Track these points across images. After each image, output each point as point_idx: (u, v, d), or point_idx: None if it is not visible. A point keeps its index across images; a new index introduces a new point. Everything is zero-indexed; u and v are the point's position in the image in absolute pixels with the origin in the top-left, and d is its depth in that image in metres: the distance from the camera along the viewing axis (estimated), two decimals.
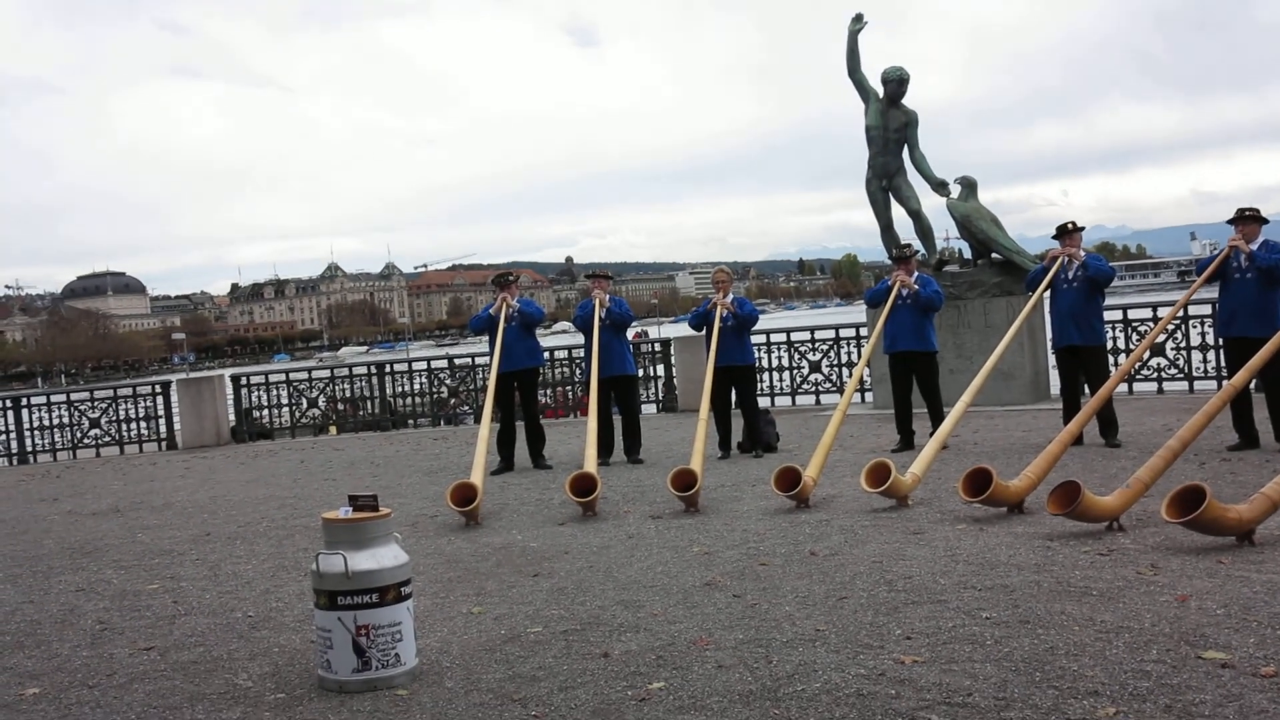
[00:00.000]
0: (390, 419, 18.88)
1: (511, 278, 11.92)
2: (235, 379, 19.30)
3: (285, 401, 19.11)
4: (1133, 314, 14.76)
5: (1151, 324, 14.28)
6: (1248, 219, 9.37)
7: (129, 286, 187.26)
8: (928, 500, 8.03)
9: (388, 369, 19.45)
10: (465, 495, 8.55)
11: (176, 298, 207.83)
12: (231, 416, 18.82)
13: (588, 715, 4.21)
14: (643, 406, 14.83)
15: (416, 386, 19.44)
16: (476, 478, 8.87)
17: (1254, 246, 9.25)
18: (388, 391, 19.21)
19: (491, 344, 11.29)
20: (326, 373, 20.02)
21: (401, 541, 4.99)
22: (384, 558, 4.78)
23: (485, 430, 9.87)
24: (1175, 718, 3.77)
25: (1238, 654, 4.34)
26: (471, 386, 18.69)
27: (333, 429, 19.31)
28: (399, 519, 8.48)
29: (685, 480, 8.38)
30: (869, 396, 15.32)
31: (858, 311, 16.65)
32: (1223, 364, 12.20)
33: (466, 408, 19.30)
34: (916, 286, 10.78)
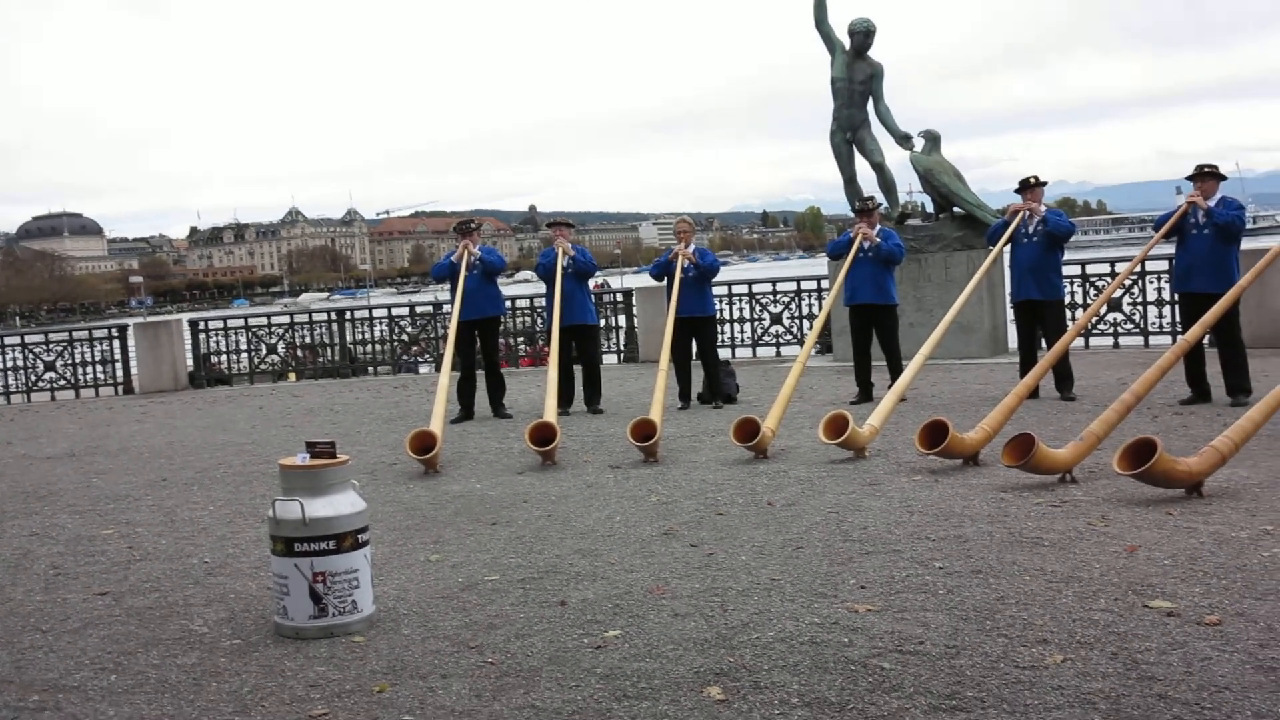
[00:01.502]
0: (350, 366, 18.79)
1: (474, 225, 11.84)
2: (194, 323, 19.12)
3: (244, 347, 18.97)
4: (1091, 269, 14.87)
5: (1109, 279, 14.40)
6: (1206, 175, 9.43)
7: (85, 228, 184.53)
8: (885, 452, 8.10)
9: (348, 315, 19.34)
10: (424, 443, 8.54)
11: (134, 240, 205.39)
12: (190, 362, 18.66)
13: (544, 663, 4.23)
14: (604, 356, 14.84)
15: (377, 334, 19.35)
16: (436, 426, 8.85)
17: (1211, 203, 9.32)
18: (348, 338, 19.12)
19: (453, 292, 11.24)
20: (286, 319, 19.87)
21: (359, 489, 4.98)
22: (341, 505, 4.77)
23: (445, 378, 9.84)
24: (1121, 665, 3.84)
25: (1183, 603, 4.42)
26: (432, 334, 18.61)
27: (292, 375, 19.18)
28: (357, 466, 8.45)
29: (645, 430, 8.41)
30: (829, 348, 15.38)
31: (820, 264, 16.70)
32: (1178, 319, 12.34)
33: (426, 355, 19.23)
34: (878, 239, 10.80)
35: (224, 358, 19.26)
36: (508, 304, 15.69)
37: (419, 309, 19.18)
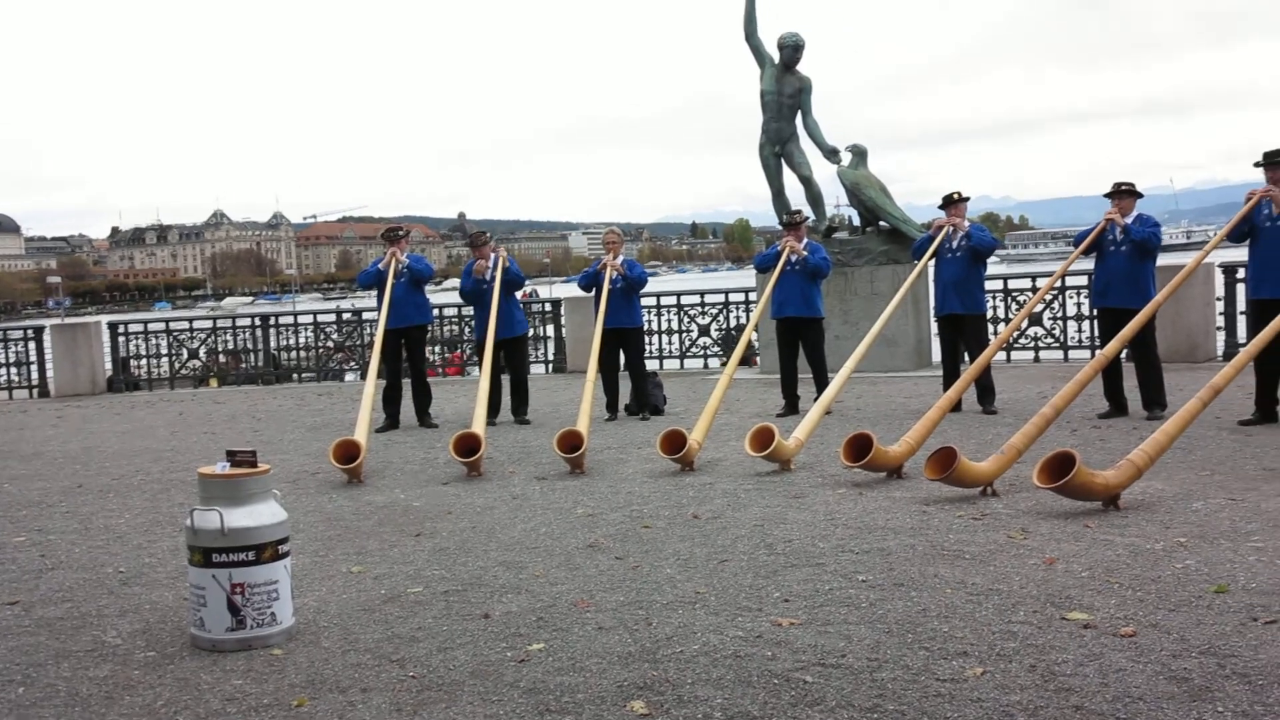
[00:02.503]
0: (274, 372, 18.55)
1: (402, 232, 11.78)
2: (113, 326, 18.77)
3: (165, 351, 18.64)
4: (1012, 284, 15.11)
5: (1030, 294, 14.63)
6: (1123, 193, 9.63)
7: (1, 225, 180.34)
8: (810, 464, 8.15)
9: (273, 321, 19.10)
10: (348, 452, 8.45)
11: (53, 239, 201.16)
12: (109, 365, 18.31)
13: (466, 676, 4.20)
14: (532, 367, 14.77)
15: (302, 340, 19.12)
16: (360, 435, 8.76)
17: (1129, 220, 9.51)
18: (272, 344, 18.87)
19: (380, 299, 11.15)
20: (209, 323, 19.57)
21: (281, 498, 4.91)
22: (262, 515, 4.70)
23: (371, 387, 9.74)
24: (1039, 677, 3.89)
25: (1099, 615, 4.49)
26: (358, 342, 18.43)
27: (213, 381, 18.88)
28: (280, 475, 8.35)
29: (571, 441, 8.38)
30: (757, 361, 15.46)
31: (748, 276, 16.82)
32: (1097, 334, 12.57)
33: (352, 363, 19.03)
34: (805, 253, 10.87)
35: (144, 362, 18.93)
36: (434, 312, 15.56)
37: (345, 315, 19.00)
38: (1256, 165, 8.81)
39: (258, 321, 19.14)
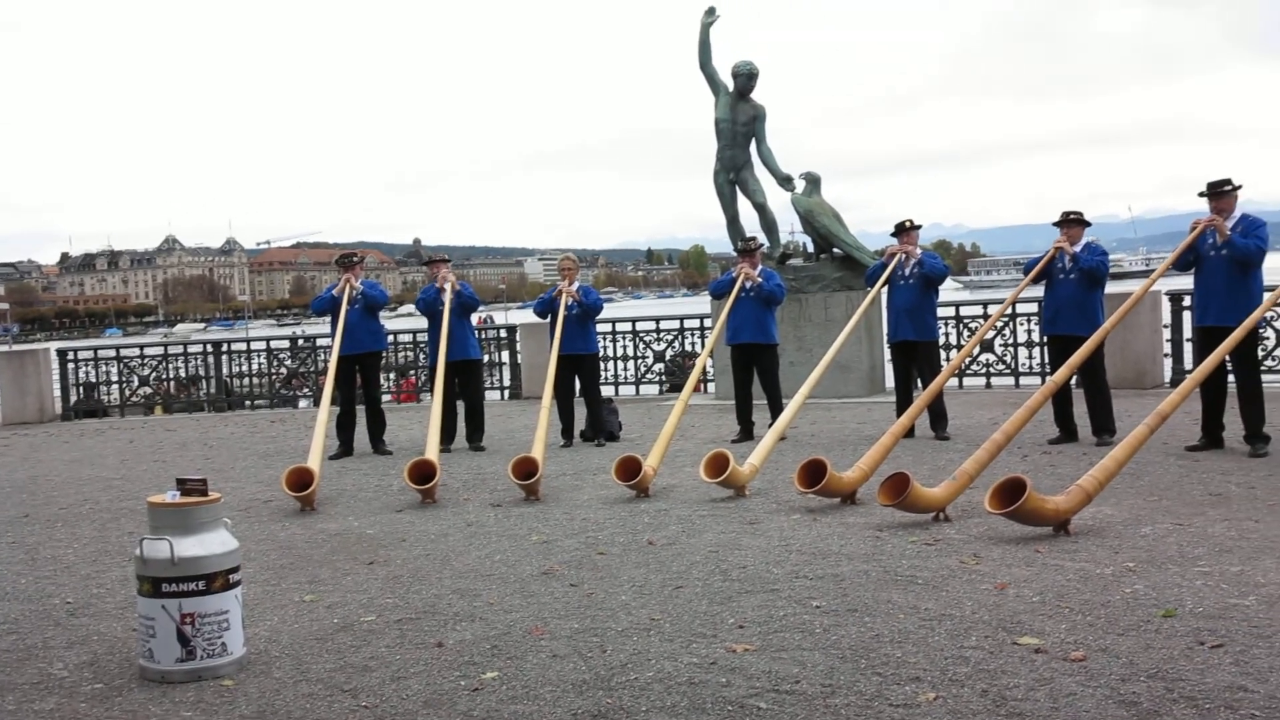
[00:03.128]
0: (226, 399, 18.38)
1: (356, 258, 11.73)
2: (62, 353, 18.54)
3: (116, 378, 18.43)
4: (964, 310, 15.26)
5: (982, 320, 14.78)
6: (1072, 222, 9.76)
7: None
8: (765, 490, 8.18)
9: (225, 347, 18.93)
10: (301, 480, 8.38)
11: (0, 265, 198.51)
12: (58, 392, 18.07)
13: (419, 706, 4.17)
14: (487, 393, 14.73)
15: (255, 366, 18.97)
16: (314, 462, 8.70)
17: (1077, 248, 9.64)
18: (225, 371, 18.71)
19: (334, 326, 11.09)
20: (160, 350, 19.37)
21: (232, 527, 4.87)
22: (212, 544, 4.65)
23: (324, 414, 9.68)
24: (991, 702, 3.92)
25: (1050, 639, 4.53)
26: (312, 368, 18.31)
27: (158, 409, 18.62)
28: (231, 503, 8.27)
29: (526, 468, 8.36)
30: (711, 387, 15.51)
31: (703, 302, 16.92)
32: (1047, 360, 12.71)
33: (306, 389, 18.90)
34: (760, 279, 10.93)
35: (95, 389, 18.69)
36: (389, 338, 15.51)
37: (299, 342, 18.88)
38: (1200, 195, 8.96)
39: (210, 348, 18.97)
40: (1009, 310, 14.07)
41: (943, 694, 4.02)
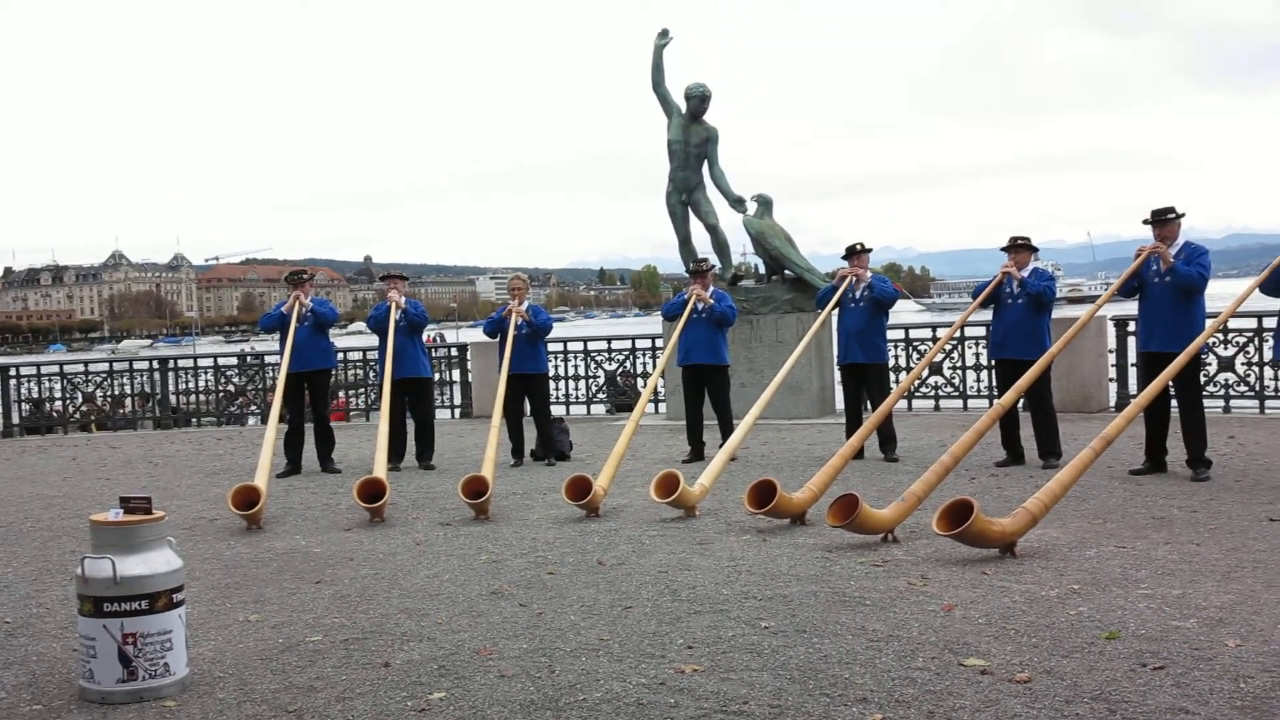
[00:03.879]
0: (172, 416, 18.16)
1: (306, 275, 11.66)
2: (3, 370, 18.24)
3: (59, 395, 18.16)
4: (914, 334, 15.39)
5: (931, 344, 14.91)
6: (1019, 247, 9.88)
7: None
8: (715, 511, 8.19)
9: (172, 364, 18.72)
10: (248, 498, 8.30)
11: None
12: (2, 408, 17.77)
13: None
14: (437, 411, 14.66)
15: (202, 384, 18.76)
16: (260, 480, 8.62)
17: (1025, 273, 9.75)
18: (171, 388, 18.49)
19: (282, 343, 11.01)
20: (106, 366, 19.10)
21: (176, 546, 4.81)
22: (156, 563, 4.59)
23: (272, 431, 9.59)
24: None
25: (996, 661, 4.56)
26: (260, 385, 18.14)
27: (93, 426, 18.29)
28: (176, 522, 8.17)
29: (476, 487, 8.33)
30: (662, 407, 15.52)
31: (655, 322, 16.95)
32: (994, 384, 12.83)
33: (255, 407, 18.70)
34: (711, 301, 10.97)
35: (42, 406, 18.39)
36: (339, 356, 15.41)
37: (247, 359, 18.70)
38: (1145, 223, 9.10)
39: (156, 365, 18.75)
40: (957, 334, 14.21)
41: (889, 715, 4.03)
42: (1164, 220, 8.96)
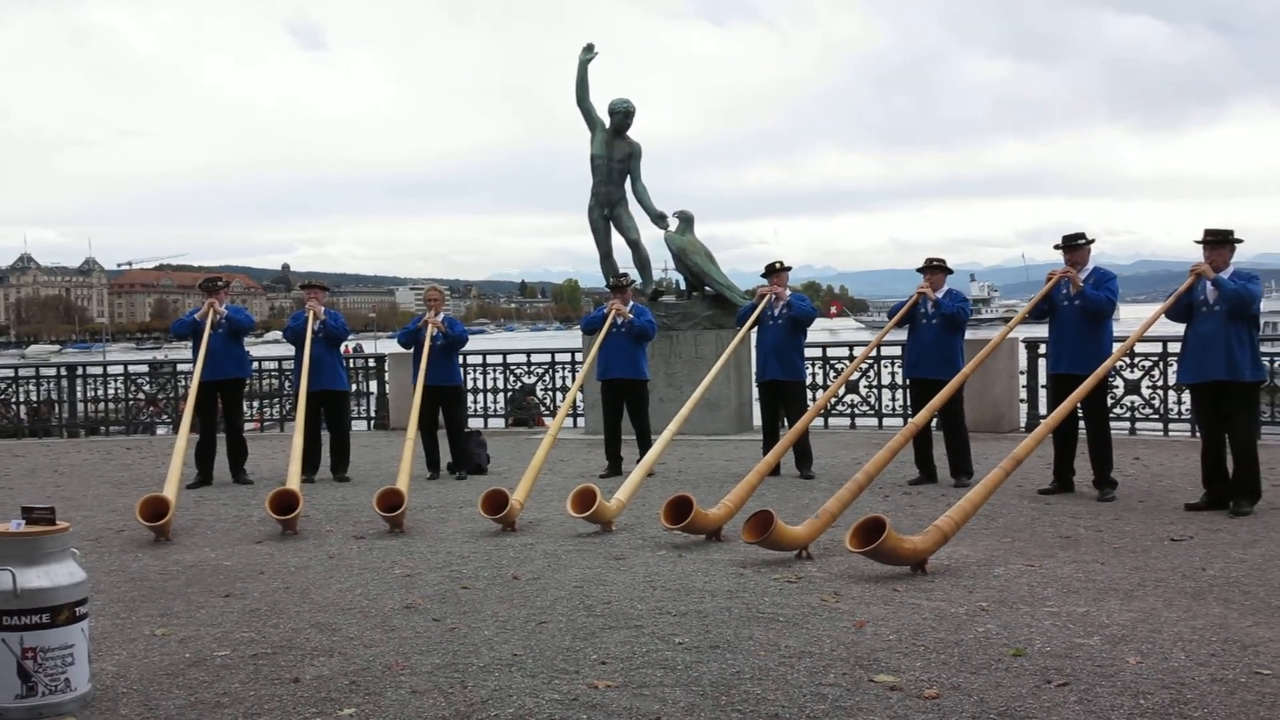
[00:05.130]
0: (79, 424, 17.76)
1: (221, 283, 11.49)
2: None
3: None
4: (831, 352, 15.55)
5: (847, 362, 15.08)
6: (934, 268, 10.03)
7: None
8: (631, 526, 8.20)
9: (80, 371, 18.32)
10: (156, 509, 8.14)
11: None
12: None
13: None
14: (354, 423, 14.50)
15: (112, 391, 18.37)
16: (170, 491, 8.46)
17: (939, 294, 9.91)
18: (79, 395, 18.08)
19: (195, 351, 10.83)
20: (10, 373, 18.64)
21: (80, 557, 4.70)
22: (58, 575, 4.49)
23: (183, 441, 9.43)
24: None
25: (905, 677, 4.62)
26: (172, 394, 17.81)
27: None
28: (81, 533, 7.99)
29: (391, 500, 8.25)
30: (581, 421, 15.51)
31: (575, 336, 16.97)
32: (908, 402, 13.01)
33: (165, 416, 18.35)
34: (631, 316, 10.99)
35: None
36: (254, 365, 15.17)
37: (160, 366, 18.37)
38: (1056, 247, 9.30)
39: (64, 371, 18.33)
40: (873, 353, 14.38)
41: None
42: (1075, 245, 9.15)
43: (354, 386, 16.63)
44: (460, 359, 11.88)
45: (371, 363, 18.32)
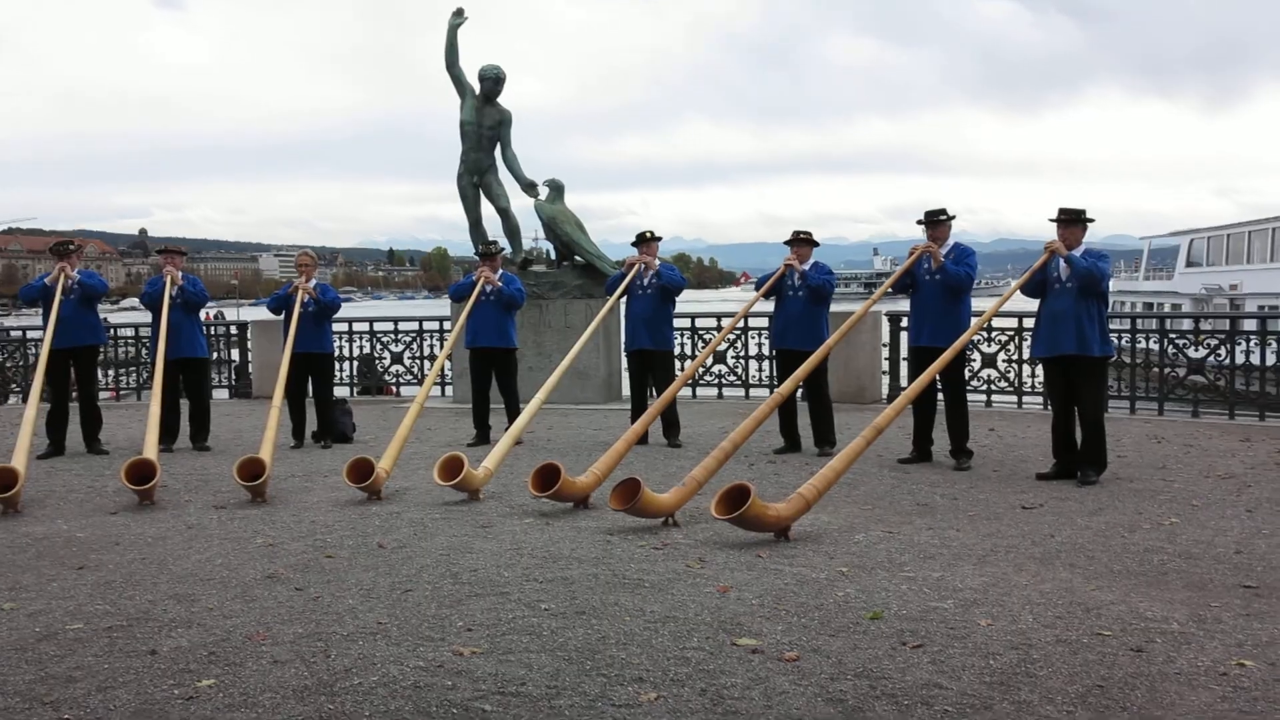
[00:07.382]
0: None
1: (73, 247, 11.07)
2: None
3: None
4: (699, 323, 15.68)
5: (715, 332, 15.22)
6: (801, 241, 10.17)
7: None
8: (499, 494, 8.18)
9: None
10: (4, 480, 7.85)
11: None
12: None
13: (128, 716, 3.98)
14: (215, 391, 14.19)
15: None
16: (19, 461, 8.17)
17: (806, 267, 10.06)
18: None
19: (45, 317, 10.44)
20: None
21: None
22: None
23: (32, 411, 9.10)
24: (709, 701, 4.05)
25: (767, 640, 4.72)
26: (21, 362, 17.16)
27: None
28: None
29: (252, 469, 8.10)
30: (449, 390, 15.40)
31: (444, 304, 16.83)
32: (774, 373, 13.20)
33: (15, 385, 17.67)
34: (500, 284, 10.93)
35: None
36: (108, 332, 14.71)
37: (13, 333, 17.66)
38: (919, 223, 9.52)
39: None
40: (740, 324, 14.54)
41: (664, 694, 4.13)
42: (936, 221, 9.38)
43: (214, 354, 16.25)
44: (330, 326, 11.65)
45: (233, 330, 17.89)
